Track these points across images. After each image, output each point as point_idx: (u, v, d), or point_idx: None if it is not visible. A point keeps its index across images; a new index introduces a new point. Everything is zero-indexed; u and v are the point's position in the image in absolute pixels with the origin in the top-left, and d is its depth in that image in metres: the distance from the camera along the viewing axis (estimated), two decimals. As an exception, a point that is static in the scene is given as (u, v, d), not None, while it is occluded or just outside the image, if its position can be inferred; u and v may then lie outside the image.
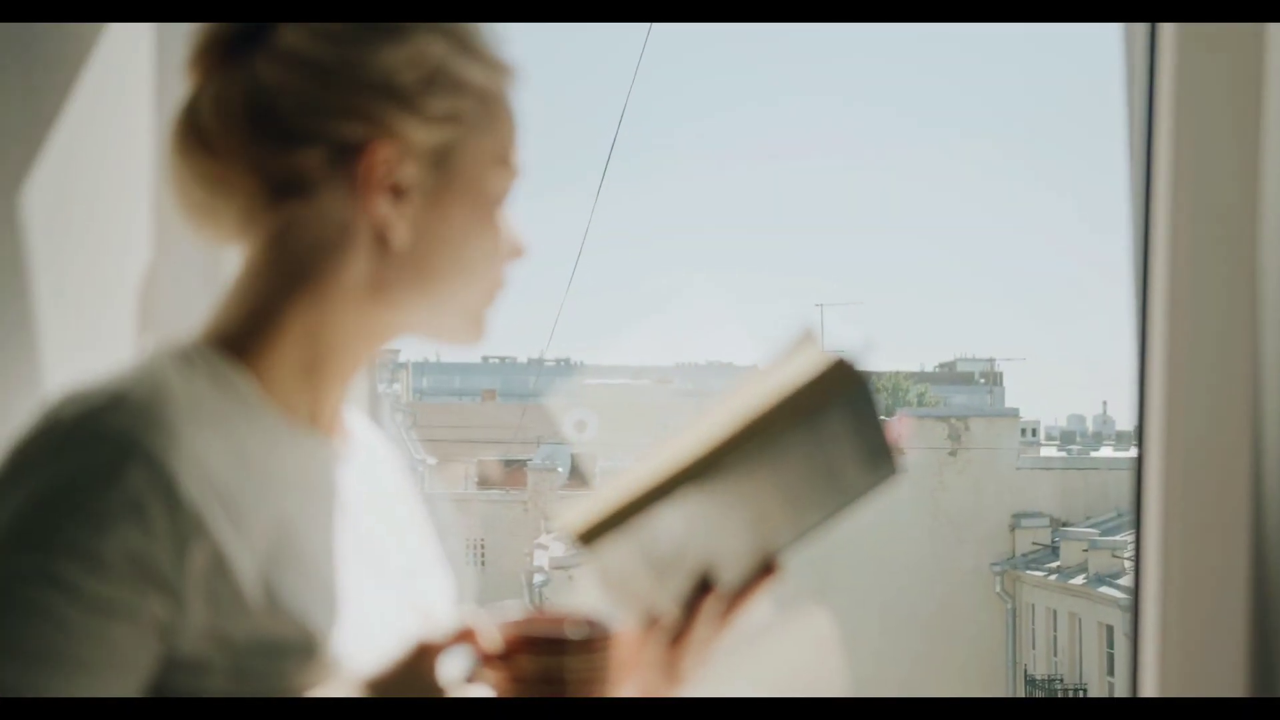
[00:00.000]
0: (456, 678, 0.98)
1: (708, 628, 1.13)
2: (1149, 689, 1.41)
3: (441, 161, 1.08)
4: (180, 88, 1.10)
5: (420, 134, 1.06)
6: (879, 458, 1.11)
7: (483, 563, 21.52)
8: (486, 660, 1.00)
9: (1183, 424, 1.39)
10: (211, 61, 1.08)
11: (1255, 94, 1.38)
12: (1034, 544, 18.46)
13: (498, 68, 1.11)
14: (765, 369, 1.06)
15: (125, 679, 0.95)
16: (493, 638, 1.00)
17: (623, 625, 1.05)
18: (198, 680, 0.97)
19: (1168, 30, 1.41)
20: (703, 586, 1.12)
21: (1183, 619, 1.39)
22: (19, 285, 1.27)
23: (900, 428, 1.09)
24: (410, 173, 1.07)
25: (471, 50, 1.09)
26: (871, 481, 1.13)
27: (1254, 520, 1.37)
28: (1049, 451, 22.48)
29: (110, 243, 1.45)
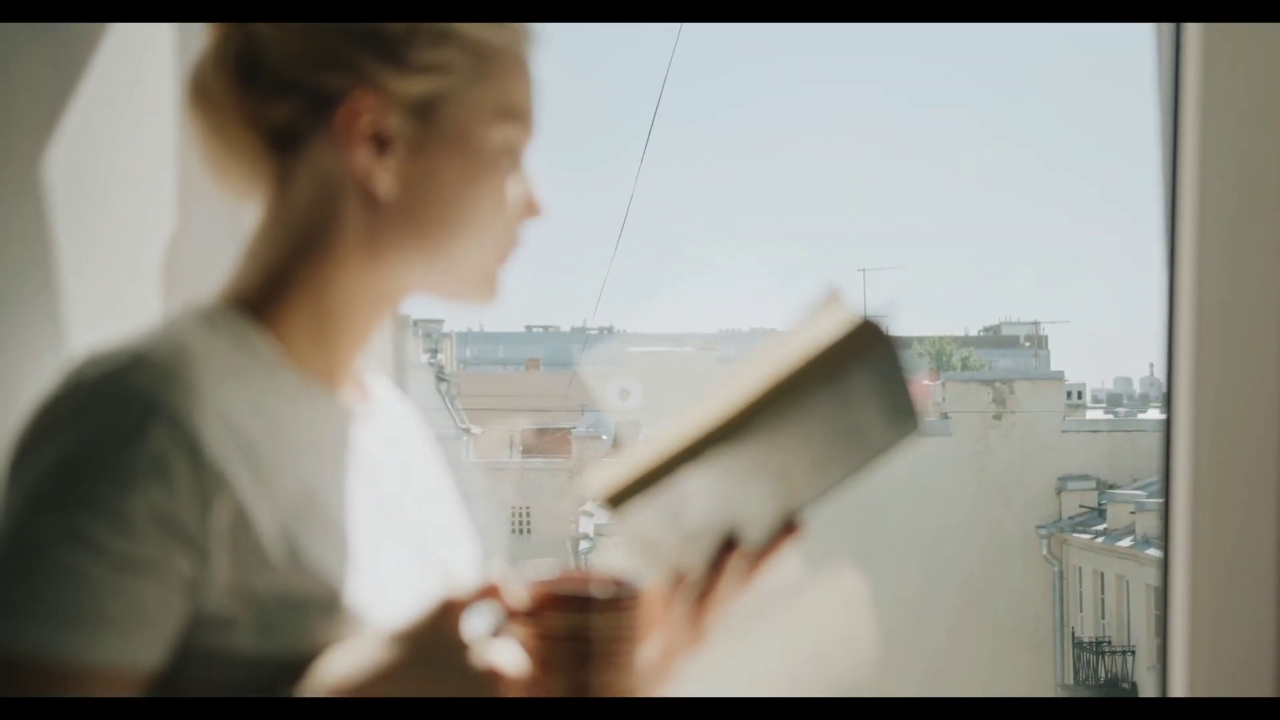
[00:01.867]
0: (482, 634, 0.98)
1: (732, 586, 1.13)
2: (1178, 689, 1.40)
3: (427, 112, 1.06)
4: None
5: (402, 84, 1.05)
6: (903, 415, 1.10)
7: (528, 530, 21.64)
8: (513, 617, 1.00)
9: (1212, 403, 1.38)
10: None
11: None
12: (1081, 507, 18.39)
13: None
14: (792, 330, 1.05)
15: (152, 636, 0.96)
16: (519, 595, 1.00)
17: (649, 585, 1.05)
18: (223, 636, 0.98)
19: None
20: (727, 545, 1.11)
21: (1212, 620, 1.38)
22: (43, 252, 1.28)
23: (924, 386, 1.08)
24: (394, 123, 1.06)
25: None
26: (894, 438, 1.12)
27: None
28: (1095, 414, 22.34)
29: (133, 208, 1.46)
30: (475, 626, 0.98)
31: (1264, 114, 1.36)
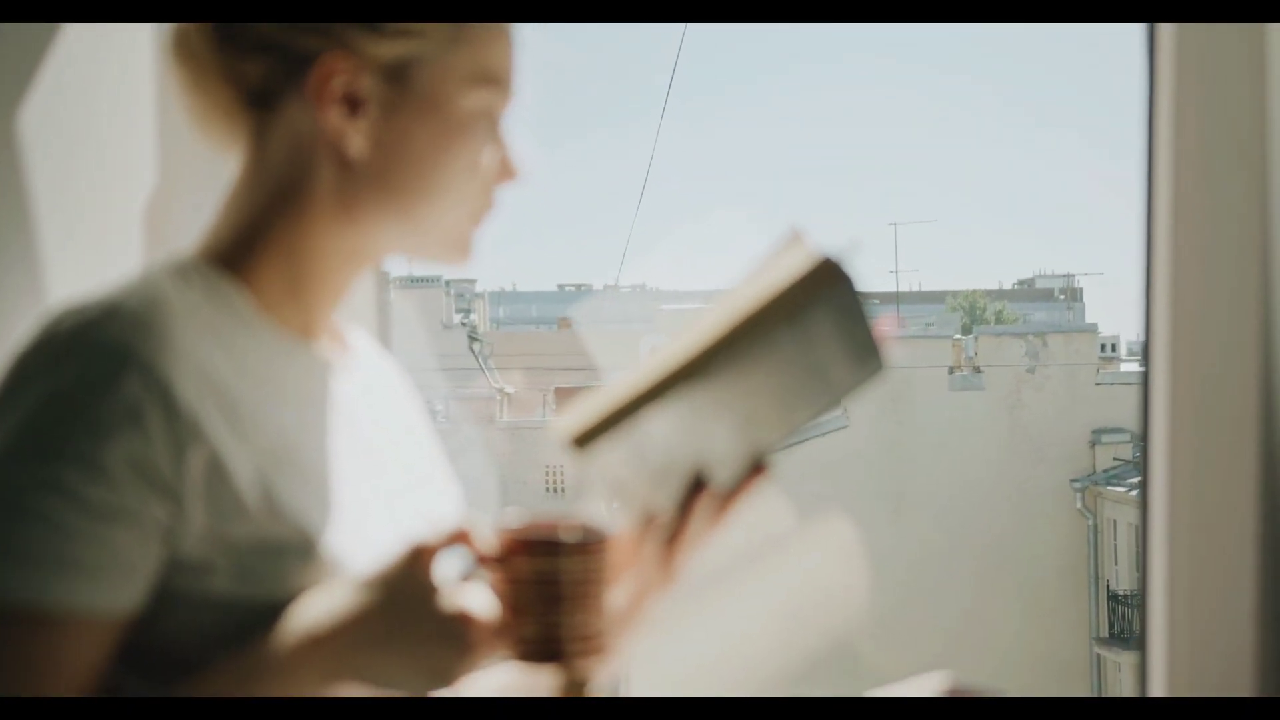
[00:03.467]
0: (452, 578, 1.00)
1: (701, 526, 1.14)
2: (1157, 689, 1.41)
3: (400, 75, 1.08)
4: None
5: (376, 47, 1.07)
6: (866, 355, 1.11)
7: (561, 489, 21.71)
8: (483, 562, 1.01)
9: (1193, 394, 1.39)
10: None
11: (1258, 38, 1.37)
12: (1115, 459, 18.27)
13: None
14: (754, 271, 1.06)
15: (129, 582, 0.98)
16: (488, 540, 1.01)
17: (618, 529, 1.06)
18: (200, 581, 1.00)
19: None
20: (696, 486, 1.13)
21: (1191, 621, 1.40)
22: (23, 208, 1.29)
23: (887, 323, 1.09)
24: (366, 85, 1.07)
25: None
26: (859, 378, 1.13)
27: (1263, 511, 1.36)
28: (1130, 366, 22.18)
29: (114, 163, 1.47)
30: (446, 571, 1.00)
31: (1230, 101, 1.37)
